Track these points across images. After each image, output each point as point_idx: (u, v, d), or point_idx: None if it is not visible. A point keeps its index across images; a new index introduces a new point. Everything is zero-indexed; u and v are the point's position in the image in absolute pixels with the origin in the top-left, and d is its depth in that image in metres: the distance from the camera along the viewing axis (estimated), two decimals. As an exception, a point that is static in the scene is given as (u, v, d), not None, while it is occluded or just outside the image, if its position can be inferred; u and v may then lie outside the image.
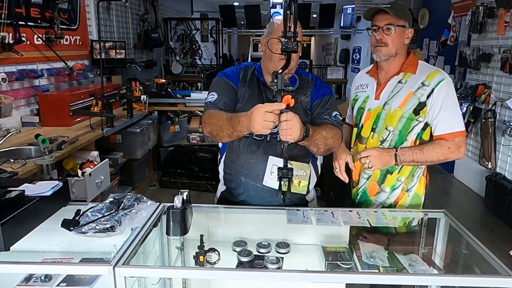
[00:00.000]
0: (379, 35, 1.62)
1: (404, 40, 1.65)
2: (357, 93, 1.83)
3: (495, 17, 4.05)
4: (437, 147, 1.60)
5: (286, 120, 1.28)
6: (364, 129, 1.75)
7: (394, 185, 1.70)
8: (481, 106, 4.28)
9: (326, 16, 9.00)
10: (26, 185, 1.39)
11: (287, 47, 1.24)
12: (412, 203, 1.73)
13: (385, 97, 1.69)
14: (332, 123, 1.57)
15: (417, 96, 1.62)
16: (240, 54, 16.55)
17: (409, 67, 1.67)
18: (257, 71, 1.66)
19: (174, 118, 4.60)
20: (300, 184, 1.55)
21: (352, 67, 11.02)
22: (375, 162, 1.59)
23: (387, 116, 1.67)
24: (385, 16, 1.61)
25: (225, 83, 1.63)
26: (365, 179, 1.75)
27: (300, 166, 1.54)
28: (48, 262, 1.23)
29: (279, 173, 1.35)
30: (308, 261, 1.45)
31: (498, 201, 3.82)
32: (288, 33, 1.23)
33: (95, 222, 1.25)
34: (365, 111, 1.75)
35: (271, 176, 1.54)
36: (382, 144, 1.67)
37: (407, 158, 1.60)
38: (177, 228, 1.29)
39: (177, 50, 7.41)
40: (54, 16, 3.48)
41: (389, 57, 1.64)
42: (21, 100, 3.17)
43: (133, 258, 1.17)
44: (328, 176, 3.54)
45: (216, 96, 1.58)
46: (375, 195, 1.74)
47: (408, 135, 1.65)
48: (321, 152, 1.55)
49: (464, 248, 1.37)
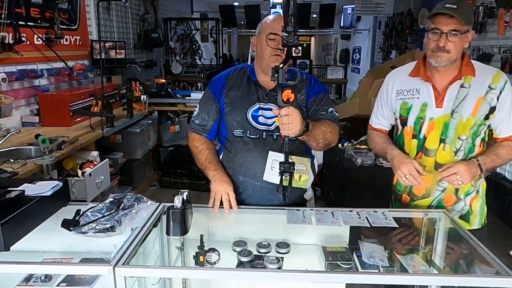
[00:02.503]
0: (442, 42, 1.46)
1: (465, 44, 1.52)
2: (406, 100, 1.64)
3: (495, 17, 4.05)
4: (509, 149, 1.57)
5: (287, 115, 1.30)
6: (429, 140, 1.60)
7: (468, 190, 1.63)
8: (481, 106, 4.27)
9: (326, 16, 9.01)
10: (26, 185, 1.39)
11: (288, 41, 1.24)
12: (481, 204, 1.68)
13: (451, 105, 1.56)
14: (329, 118, 1.59)
15: (487, 101, 1.53)
16: (240, 54, 16.54)
17: (468, 69, 1.55)
18: (250, 72, 1.67)
19: (174, 118, 4.60)
20: (301, 179, 1.56)
21: (352, 67, 11.03)
22: (465, 177, 1.49)
23: (459, 125, 1.56)
24: (450, 20, 1.44)
25: (207, 95, 1.72)
26: (440, 191, 1.64)
27: (300, 161, 1.55)
28: (48, 262, 1.23)
29: (281, 167, 1.36)
30: (308, 261, 1.45)
31: (498, 201, 3.81)
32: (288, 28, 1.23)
33: (95, 222, 1.25)
34: (426, 121, 1.60)
35: (271, 171, 1.54)
36: (456, 155, 1.58)
37: (488, 166, 1.55)
38: (177, 228, 1.29)
39: (177, 50, 7.41)
40: (54, 16, 3.48)
41: (449, 63, 1.52)
42: (21, 100, 3.17)
43: (133, 258, 1.17)
44: (328, 176, 3.54)
45: (197, 111, 1.74)
46: (452, 205, 1.65)
47: (476, 139, 1.59)
48: (320, 147, 1.56)
49: (464, 248, 1.37)
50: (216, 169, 1.63)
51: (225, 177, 1.60)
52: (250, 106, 1.61)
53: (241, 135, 1.62)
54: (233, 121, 1.63)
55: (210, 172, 1.63)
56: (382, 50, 8.20)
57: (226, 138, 1.67)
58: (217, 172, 1.61)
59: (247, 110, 1.61)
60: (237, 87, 1.66)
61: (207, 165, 1.65)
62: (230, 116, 1.64)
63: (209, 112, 1.69)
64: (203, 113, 1.71)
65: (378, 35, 8.83)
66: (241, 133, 1.62)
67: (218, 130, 1.72)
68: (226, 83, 1.68)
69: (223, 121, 1.67)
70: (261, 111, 1.61)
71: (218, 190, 1.56)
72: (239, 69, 1.72)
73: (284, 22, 1.25)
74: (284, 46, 1.28)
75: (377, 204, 2.73)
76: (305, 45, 18.51)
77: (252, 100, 1.62)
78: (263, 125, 1.60)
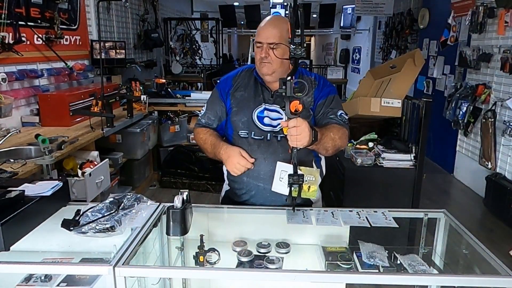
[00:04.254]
0: None
1: None
2: None
3: (495, 17, 4.04)
4: None
5: (295, 126, 1.29)
6: None
7: None
8: (481, 106, 4.27)
9: (326, 16, 9.01)
10: (26, 185, 1.39)
11: (295, 53, 1.25)
12: None
13: None
14: (338, 123, 1.58)
15: None
16: (240, 54, 16.54)
17: None
18: (256, 73, 1.67)
19: (174, 118, 4.60)
20: (310, 189, 1.53)
21: (352, 67, 11.02)
22: None
23: None
24: None
25: (215, 95, 1.73)
26: None
27: (309, 171, 1.53)
28: (48, 262, 1.23)
29: (290, 179, 1.36)
30: (308, 261, 1.45)
31: (498, 201, 3.81)
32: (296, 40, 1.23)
33: (95, 222, 1.24)
34: None
35: (280, 182, 1.53)
36: None
37: None
38: (177, 228, 1.29)
39: (177, 50, 7.41)
40: (54, 16, 3.47)
41: None
42: (21, 100, 3.17)
43: (133, 258, 1.17)
44: (328, 176, 3.54)
45: (204, 110, 1.74)
46: None
47: None
48: (329, 153, 1.56)
49: (464, 248, 1.37)
50: (223, 147, 1.60)
51: (233, 150, 1.57)
52: (256, 107, 1.62)
53: (245, 136, 1.62)
54: (238, 122, 1.63)
55: (219, 152, 1.60)
56: (382, 50, 8.19)
57: (232, 138, 1.67)
58: (224, 150, 1.59)
59: (252, 111, 1.61)
60: (243, 87, 1.66)
61: (215, 148, 1.62)
62: (236, 117, 1.64)
63: (215, 112, 1.70)
64: (209, 113, 1.72)
65: (378, 35, 8.83)
66: (246, 134, 1.62)
67: (225, 130, 1.72)
68: (233, 83, 1.69)
69: (229, 121, 1.68)
70: (266, 112, 1.61)
71: (236, 168, 1.55)
72: (246, 69, 1.73)
73: (291, 34, 1.25)
74: (292, 58, 1.28)
75: (377, 204, 2.75)
76: (305, 45, 18.51)
77: (258, 101, 1.62)
78: (268, 126, 1.60)
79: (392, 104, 2.90)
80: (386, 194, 2.74)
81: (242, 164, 1.53)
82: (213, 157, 1.66)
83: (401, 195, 2.73)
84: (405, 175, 2.72)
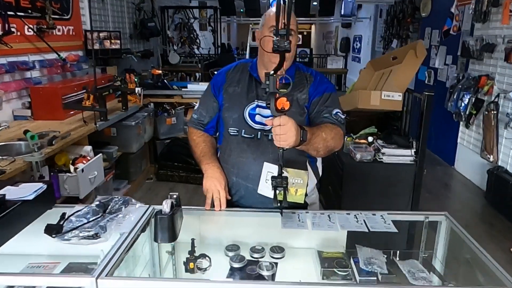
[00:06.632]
0: None
1: None
2: None
3: (500, 6, 3.93)
4: None
5: (279, 125, 1.19)
6: None
7: None
8: (483, 98, 4.19)
9: (326, 4, 8.82)
10: (8, 188, 1.33)
11: (279, 46, 1.13)
12: None
13: None
14: (333, 122, 1.48)
15: None
16: (239, 43, 16.32)
17: None
18: (251, 68, 1.60)
19: (171, 110, 4.51)
20: (297, 193, 1.45)
21: (353, 56, 10.88)
22: None
23: None
24: None
25: (208, 89, 1.68)
26: None
27: (297, 174, 1.44)
28: (27, 273, 1.18)
29: (273, 182, 1.28)
30: (303, 267, 1.39)
31: (499, 194, 3.76)
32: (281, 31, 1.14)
33: (78, 229, 1.19)
34: None
35: (266, 184, 1.46)
36: None
37: None
38: (165, 234, 1.23)
39: (175, 40, 7.28)
40: (45, 5, 3.36)
41: None
42: (12, 93, 3.08)
43: (120, 266, 1.11)
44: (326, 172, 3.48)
45: (197, 106, 1.71)
46: None
47: None
48: (321, 155, 1.48)
49: (466, 253, 1.31)
50: (208, 162, 1.58)
51: (217, 172, 1.55)
52: (248, 103, 1.55)
53: (235, 133, 1.56)
54: (229, 119, 1.57)
55: (203, 165, 1.59)
56: (383, 39, 8.06)
57: (223, 136, 1.62)
58: (209, 166, 1.56)
59: (244, 107, 1.55)
60: (237, 82, 1.60)
61: (201, 158, 1.62)
62: (227, 113, 1.58)
63: (207, 108, 1.66)
64: (201, 108, 1.68)
65: (379, 23, 8.68)
66: (236, 132, 1.56)
67: (217, 127, 1.67)
68: (227, 78, 1.62)
69: (221, 117, 1.62)
70: (258, 109, 1.54)
71: (210, 188, 1.52)
72: (241, 64, 1.66)
73: (276, 24, 1.14)
74: (275, 51, 1.15)
75: (377, 200, 2.69)
76: (306, 34, 18.28)
77: (250, 97, 1.55)
78: (259, 124, 1.53)
79: (393, 98, 2.82)
80: (386, 190, 2.68)
81: (215, 191, 1.51)
82: (197, 162, 1.65)
83: (401, 191, 2.67)
84: (405, 171, 2.66)
